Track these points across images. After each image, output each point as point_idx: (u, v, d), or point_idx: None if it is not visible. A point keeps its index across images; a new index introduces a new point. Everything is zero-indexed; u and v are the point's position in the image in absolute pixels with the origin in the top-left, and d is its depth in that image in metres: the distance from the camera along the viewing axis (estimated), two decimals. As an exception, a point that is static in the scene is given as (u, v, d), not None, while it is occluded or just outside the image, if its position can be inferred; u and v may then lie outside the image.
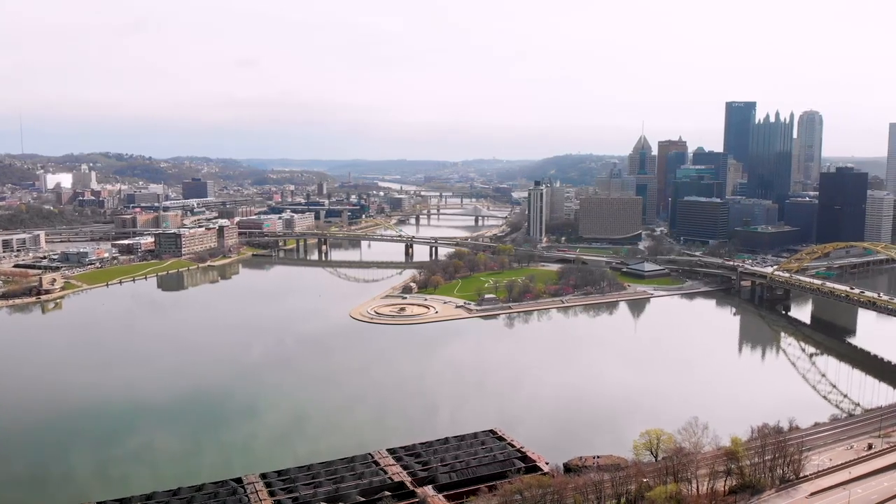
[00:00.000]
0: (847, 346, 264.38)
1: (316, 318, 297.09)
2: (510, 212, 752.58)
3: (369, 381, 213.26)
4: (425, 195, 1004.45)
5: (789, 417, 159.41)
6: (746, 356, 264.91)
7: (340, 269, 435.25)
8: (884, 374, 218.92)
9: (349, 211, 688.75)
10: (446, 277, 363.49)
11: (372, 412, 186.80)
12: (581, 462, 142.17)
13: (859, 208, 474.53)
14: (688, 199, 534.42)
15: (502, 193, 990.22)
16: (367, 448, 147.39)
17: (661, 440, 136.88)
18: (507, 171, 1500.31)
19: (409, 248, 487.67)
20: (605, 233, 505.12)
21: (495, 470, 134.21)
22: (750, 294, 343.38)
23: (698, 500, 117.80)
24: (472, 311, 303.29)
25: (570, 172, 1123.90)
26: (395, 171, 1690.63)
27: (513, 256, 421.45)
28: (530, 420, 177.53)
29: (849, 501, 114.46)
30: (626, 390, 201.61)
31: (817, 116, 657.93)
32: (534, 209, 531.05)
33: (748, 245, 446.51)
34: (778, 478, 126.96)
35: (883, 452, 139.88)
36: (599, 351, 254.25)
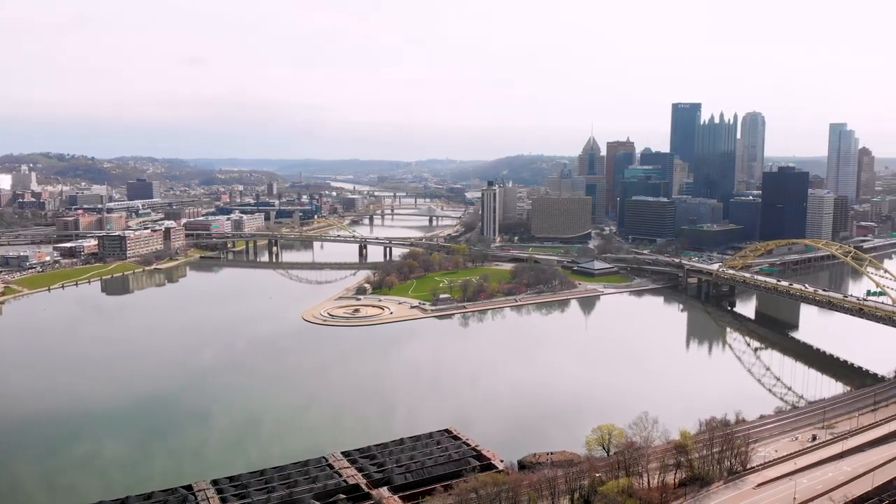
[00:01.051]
0: (790, 341, 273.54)
1: (267, 321, 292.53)
2: (464, 212, 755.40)
3: (323, 384, 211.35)
4: (379, 195, 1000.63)
5: (736, 410, 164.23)
6: (694, 351, 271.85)
7: (292, 270, 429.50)
8: (826, 367, 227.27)
9: (301, 211, 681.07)
10: (401, 278, 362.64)
11: (326, 415, 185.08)
12: (535, 459, 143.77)
13: (801, 206, 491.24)
14: (636, 199, 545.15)
15: (456, 194, 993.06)
16: (321, 451, 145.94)
17: (612, 435, 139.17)
18: (461, 172, 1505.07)
19: (362, 248, 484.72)
20: (556, 232, 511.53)
21: (451, 469, 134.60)
22: (696, 291, 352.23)
23: (649, 494, 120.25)
24: (427, 311, 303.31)
25: (523, 173, 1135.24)
26: (347, 171, 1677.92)
27: (467, 256, 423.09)
28: (485, 418, 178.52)
29: (794, 492, 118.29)
30: (578, 386, 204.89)
31: (760, 117, 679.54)
32: (487, 209, 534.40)
33: (694, 243, 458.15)
34: (726, 470, 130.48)
35: (827, 443, 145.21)
36: (552, 348, 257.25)
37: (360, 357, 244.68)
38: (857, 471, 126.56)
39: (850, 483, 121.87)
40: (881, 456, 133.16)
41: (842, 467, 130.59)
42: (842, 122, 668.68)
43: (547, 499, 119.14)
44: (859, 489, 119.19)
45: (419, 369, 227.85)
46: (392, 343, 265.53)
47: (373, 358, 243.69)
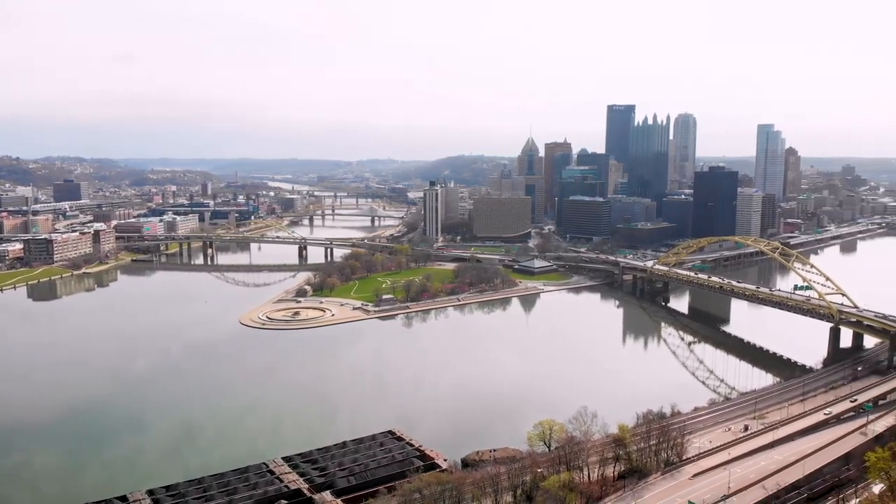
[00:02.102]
0: (722, 334, 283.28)
1: (203, 326, 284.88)
2: (406, 212, 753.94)
3: (263, 389, 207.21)
4: (319, 195, 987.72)
5: (672, 403, 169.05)
6: (630, 346, 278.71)
7: (228, 273, 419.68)
8: (756, 360, 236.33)
9: (237, 212, 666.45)
10: (343, 279, 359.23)
11: (267, 420, 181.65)
12: (478, 457, 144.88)
13: (730, 205, 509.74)
14: (573, 199, 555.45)
15: (398, 194, 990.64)
16: (261, 457, 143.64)
17: (553, 430, 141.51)
18: (403, 172, 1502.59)
19: (302, 249, 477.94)
20: (497, 231, 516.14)
21: (394, 470, 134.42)
22: (632, 287, 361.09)
23: (590, 487, 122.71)
24: (370, 313, 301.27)
25: (464, 173, 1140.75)
26: (285, 170, 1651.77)
27: (410, 256, 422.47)
28: (430, 418, 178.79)
29: (728, 481, 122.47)
30: (520, 383, 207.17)
31: (691, 119, 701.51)
32: (430, 209, 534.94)
33: (629, 241, 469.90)
34: (663, 461, 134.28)
35: (758, 433, 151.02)
36: (495, 346, 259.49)
37: (301, 360, 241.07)
38: (788, 459, 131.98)
39: (781, 471, 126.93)
40: (811, 444, 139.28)
41: (773, 456, 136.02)
42: (769, 124, 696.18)
43: (490, 496, 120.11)
44: (791, 477, 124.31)
45: (362, 371, 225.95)
46: (334, 345, 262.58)
47: (314, 361, 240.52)
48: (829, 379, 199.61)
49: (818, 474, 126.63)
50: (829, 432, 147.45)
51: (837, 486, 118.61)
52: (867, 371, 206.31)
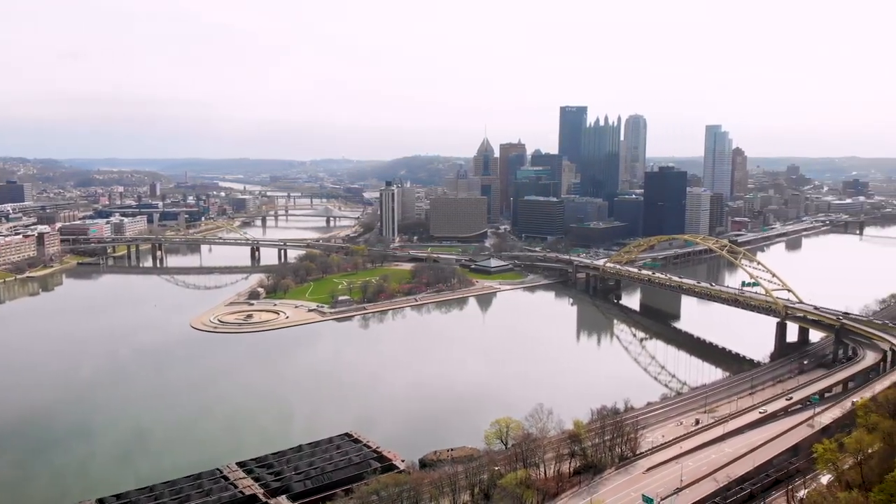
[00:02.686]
0: (673, 330, 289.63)
1: (153, 330, 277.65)
2: (362, 212, 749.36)
3: (216, 393, 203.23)
4: (272, 196, 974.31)
5: (625, 398, 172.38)
6: (585, 343, 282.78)
7: (178, 276, 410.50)
8: (706, 355, 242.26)
9: (187, 213, 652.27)
10: (297, 281, 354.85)
11: (220, 425, 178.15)
12: (436, 456, 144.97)
13: (680, 204, 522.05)
14: (527, 199, 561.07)
15: (354, 194, 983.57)
16: (215, 463, 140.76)
17: (510, 428, 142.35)
18: (358, 172, 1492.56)
19: (255, 251, 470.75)
20: (454, 231, 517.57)
21: (351, 473, 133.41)
22: (585, 285, 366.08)
23: (546, 484, 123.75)
24: (326, 314, 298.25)
25: (420, 173, 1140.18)
26: (237, 170, 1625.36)
27: (366, 257, 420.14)
28: (387, 420, 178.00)
29: (681, 474, 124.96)
30: (478, 382, 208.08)
31: (641, 120, 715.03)
32: (386, 209, 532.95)
33: (582, 240, 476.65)
34: (617, 456, 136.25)
35: (709, 427, 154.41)
36: (452, 346, 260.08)
37: (255, 364, 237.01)
38: (739, 452, 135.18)
39: (732, 464, 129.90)
40: (759, 437, 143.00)
41: (724, 449, 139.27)
42: (717, 125, 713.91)
43: (448, 495, 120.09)
44: (741, 469, 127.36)
45: (318, 374, 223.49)
46: (289, 348, 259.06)
47: (268, 364, 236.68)
48: (777, 373, 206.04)
49: (767, 466, 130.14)
50: (777, 425, 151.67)
51: (786, 478, 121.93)
52: (813, 365, 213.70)
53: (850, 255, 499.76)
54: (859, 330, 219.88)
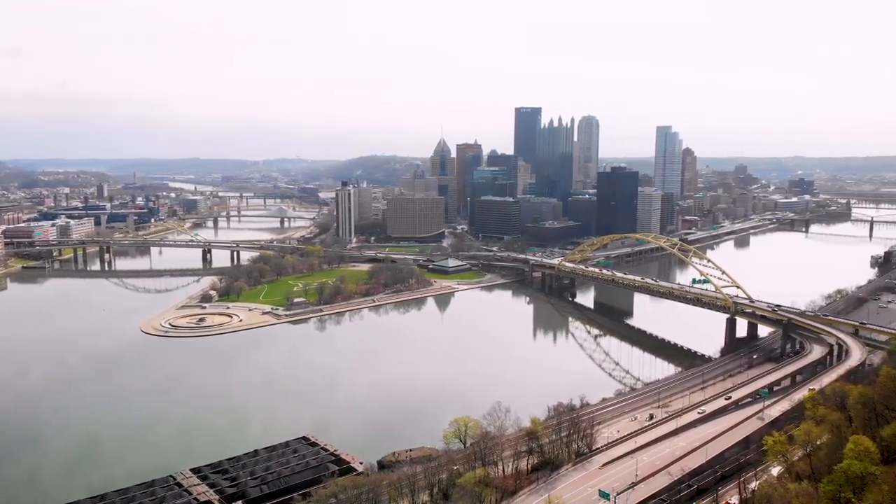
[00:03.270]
0: (626, 327, 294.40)
1: (102, 335, 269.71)
2: (318, 212, 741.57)
3: (169, 399, 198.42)
4: (223, 196, 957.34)
5: (581, 395, 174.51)
6: (541, 341, 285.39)
7: (128, 279, 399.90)
8: (659, 351, 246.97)
9: (135, 215, 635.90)
10: (250, 283, 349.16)
11: (173, 431, 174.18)
12: (395, 457, 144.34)
13: (632, 203, 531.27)
14: (484, 199, 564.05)
15: (309, 194, 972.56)
16: (168, 470, 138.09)
17: (468, 427, 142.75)
18: (313, 172, 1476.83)
19: (206, 253, 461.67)
20: (411, 232, 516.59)
21: (309, 477, 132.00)
22: (541, 284, 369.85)
23: (504, 482, 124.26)
24: (281, 317, 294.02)
25: (376, 173, 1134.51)
26: (187, 170, 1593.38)
27: (322, 258, 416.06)
28: (345, 422, 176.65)
29: (636, 468, 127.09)
30: (437, 382, 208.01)
31: (594, 121, 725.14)
32: (342, 210, 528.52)
33: (538, 239, 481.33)
34: (574, 452, 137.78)
35: (662, 421, 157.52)
36: (411, 346, 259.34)
37: (208, 368, 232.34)
38: (692, 445, 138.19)
39: (686, 457, 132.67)
40: (711, 430, 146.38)
41: (678, 443, 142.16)
42: (667, 125, 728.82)
43: (407, 496, 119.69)
44: (695, 462, 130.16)
45: (273, 377, 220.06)
46: (243, 352, 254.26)
47: (222, 368, 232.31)
48: (727, 367, 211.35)
49: (720, 459, 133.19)
50: (729, 418, 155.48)
51: (738, 470, 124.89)
52: (762, 359, 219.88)
53: (797, 252, 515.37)
54: (806, 325, 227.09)
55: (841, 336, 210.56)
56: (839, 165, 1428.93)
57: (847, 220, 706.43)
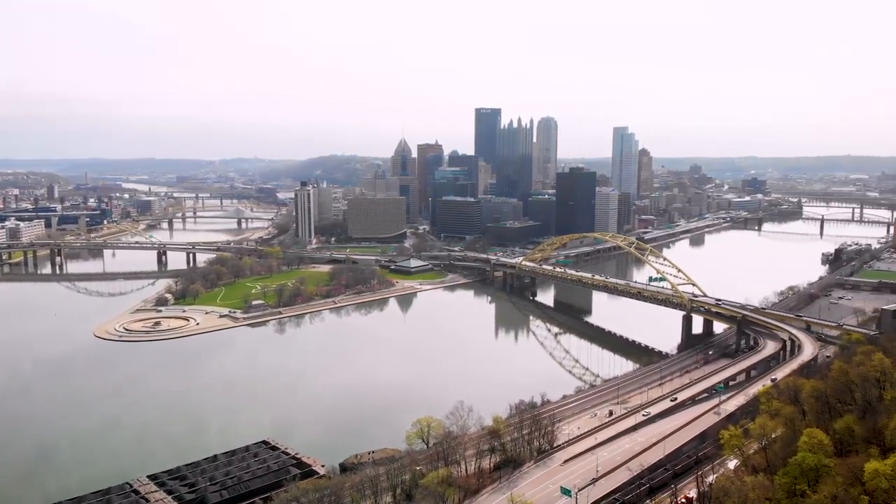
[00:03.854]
0: (585, 325, 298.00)
1: (54, 340, 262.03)
2: (276, 213, 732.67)
3: (124, 404, 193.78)
4: (179, 197, 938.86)
5: (542, 392, 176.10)
6: (503, 339, 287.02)
7: (80, 282, 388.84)
8: (617, 348, 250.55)
9: (88, 216, 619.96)
10: (207, 285, 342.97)
11: (129, 437, 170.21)
12: (357, 460, 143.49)
13: (590, 203, 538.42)
14: (446, 199, 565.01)
15: (267, 194, 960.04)
16: (124, 477, 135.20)
17: (431, 427, 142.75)
18: (271, 171, 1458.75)
19: (161, 255, 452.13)
20: (373, 232, 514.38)
21: (270, 481, 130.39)
22: (502, 283, 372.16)
23: (468, 481, 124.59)
24: (239, 320, 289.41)
25: (336, 173, 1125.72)
26: (141, 170, 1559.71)
27: (281, 259, 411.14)
28: (307, 425, 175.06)
29: (597, 464, 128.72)
30: (400, 383, 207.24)
31: (553, 122, 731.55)
32: (302, 210, 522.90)
33: (499, 239, 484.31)
34: (535, 449, 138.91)
35: (622, 417, 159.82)
36: (373, 347, 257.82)
37: (165, 373, 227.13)
38: (650, 440, 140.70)
39: (644, 452, 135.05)
40: (669, 426, 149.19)
41: (637, 438, 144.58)
42: (624, 126, 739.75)
43: (370, 498, 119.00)
44: (653, 457, 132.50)
45: (233, 381, 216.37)
46: (201, 356, 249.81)
47: (179, 373, 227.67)
48: (684, 364, 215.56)
49: (678, 453, 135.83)
50: (686, 413, 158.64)
51: (696, 464, 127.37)
52: (717, 355, 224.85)
53: (750, 250, 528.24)
54: (760, 321, 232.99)
55: (794, 332, 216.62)
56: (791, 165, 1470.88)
57: (798, 218, 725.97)
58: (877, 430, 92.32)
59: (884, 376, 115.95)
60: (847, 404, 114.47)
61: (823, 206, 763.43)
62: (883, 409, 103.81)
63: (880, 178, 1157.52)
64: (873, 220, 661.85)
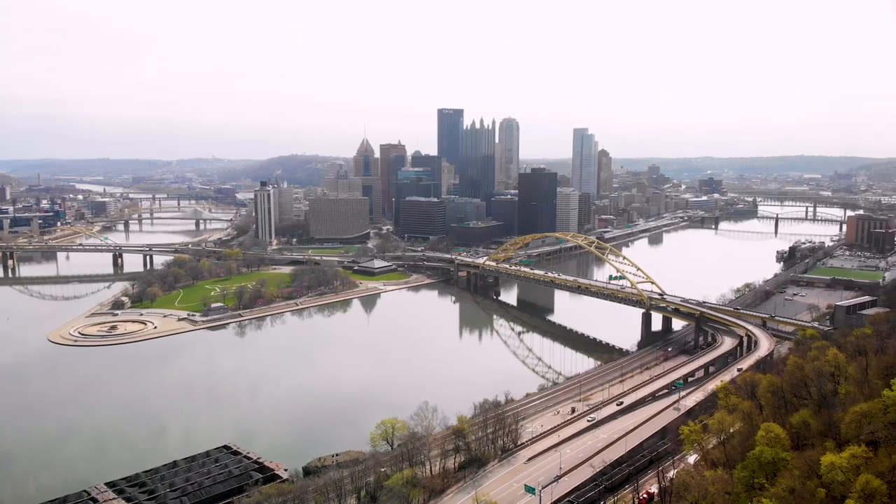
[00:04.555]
0: (548, 323, 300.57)
1: (6, 346, 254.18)
2: (236, 214, 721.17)
3: (81, 410, 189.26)
4: (135, 198, 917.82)
5: (505, 391, 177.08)
6: (467, 339, 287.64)
7: (33, 286, 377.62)
8: (579, 346, 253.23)
9: (40, 218, 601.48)
10: (165, 288, 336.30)
11: (86, 444, 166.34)
12: (321, 463, 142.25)
13: (551, 203, 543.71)
14: (409, 199, 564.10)
15: (226, 195, 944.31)
16: (82, 485, 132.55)
17: (395, 428, 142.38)
18: (230, 172, 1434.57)
19: (117, 257, 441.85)
20: (335, 233, 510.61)
21: (231, 486, 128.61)
22: (466, 283, 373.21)
23: (432, 481, 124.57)
24: (198, 323, 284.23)
25: (297, 173, 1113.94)
26: (97, 171, 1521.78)
27: (241, 261, 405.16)
28: (269, 429, 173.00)
29: (560, 462, 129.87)
30: (364, 385, 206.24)
31: (514, 123, 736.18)
32: (262, 211, 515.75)
33: (463, 239, 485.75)
34: (500, 448, 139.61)
35: (584, 414, 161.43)
36: (337, 349, 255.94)
37: (123, 378, 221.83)
38: (612, 437, 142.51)
39: (606, 449, 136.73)
40: (630, 422, 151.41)
41: (599, 435, 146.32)
42: (584, 128, 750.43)
43: (334, 501, 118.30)
44: (615, 454, 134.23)
45: (192, 385, 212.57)
46: (159, 360, 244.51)
47: (138, 378, 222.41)
48: (643, 360, 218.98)
49: (639, 449, 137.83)
50: (646, 409, 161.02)
51: (657, 459, 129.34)
52: (676, 351, 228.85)
53: (707, 248, 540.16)
54: (717, 318, 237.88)
55: (750, 328, 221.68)
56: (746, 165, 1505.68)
57: (754, 217, 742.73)
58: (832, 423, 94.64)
59: (838, 371, 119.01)
60: (803, 399, 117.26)
61: (778, 205, 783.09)
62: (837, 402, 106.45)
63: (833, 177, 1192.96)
64: (826, 219, 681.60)
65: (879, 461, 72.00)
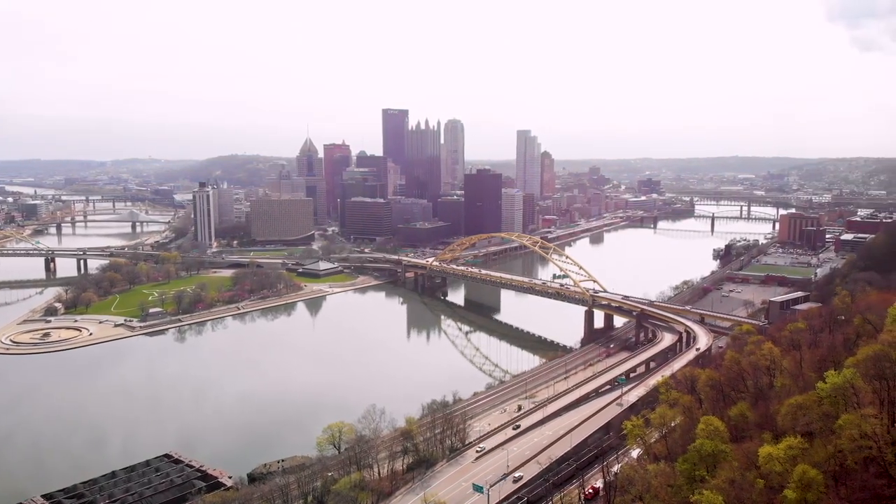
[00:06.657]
0: (495, 322, 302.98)
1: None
2: (174, 216, 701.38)
3: (15, 420, 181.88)
4: (68, 200, 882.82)
5: (453, 391, 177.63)
6: (415, 340, 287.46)
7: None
8: (525, 344, 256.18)
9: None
10: (100, 293, 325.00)
11: (21, 455, 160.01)
12: (266, 469, 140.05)
13: (496, 204, 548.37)
14: (355, 200, 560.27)
15: (163, 196, 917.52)
16: (18, 497, 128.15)
17: (343, 432, 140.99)
18: (167, 172, 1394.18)
19: (50, 262, 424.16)
20: (278, 234, 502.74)
21: (173, 496, 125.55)
22: (414, 284, 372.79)
23: (381, 484, 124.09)
24: (136, 329, 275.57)
25: (238, 174, 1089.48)
26: (26, 172, 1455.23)
27: (180, 264, 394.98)
28: (212, 436, 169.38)
29: (507, 459, 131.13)
30: (310, 389, 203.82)
31: (459, 124, 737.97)
32: (201, 212, 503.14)
33: (409, 240, 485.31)
34: (448, 448, 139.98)
35: (530, 412, 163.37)
36: (282, 353, 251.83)
37: (58, 386, 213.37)
38: (558, 433, 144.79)
39: (552, 445, 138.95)
40: (575, 419, 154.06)
41: (545, 432, 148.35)
42: (527, 129, 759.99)
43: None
44: (561, 450, 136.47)
45: (132, 393, 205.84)
46: (96, 367, 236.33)
47: (74, 386, 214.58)
48: (587, 357, 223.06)
49: (584, 445, 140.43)
50: (590, 406, 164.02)
51: (602, 454, 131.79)
52: (618, 348, 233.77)
53: (647, 247, 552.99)
54: (657, 314, 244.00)
55: (689, 324, 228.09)
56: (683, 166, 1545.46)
57: (691, 216, 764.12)
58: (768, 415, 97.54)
59: (773, 364, 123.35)
60: (740, 392, 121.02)
61: (714, 205, 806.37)
62: (773, 395, 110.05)
63: (765, 177, 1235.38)
64: (760, 217, 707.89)
65: (815, 451, 74.50)
